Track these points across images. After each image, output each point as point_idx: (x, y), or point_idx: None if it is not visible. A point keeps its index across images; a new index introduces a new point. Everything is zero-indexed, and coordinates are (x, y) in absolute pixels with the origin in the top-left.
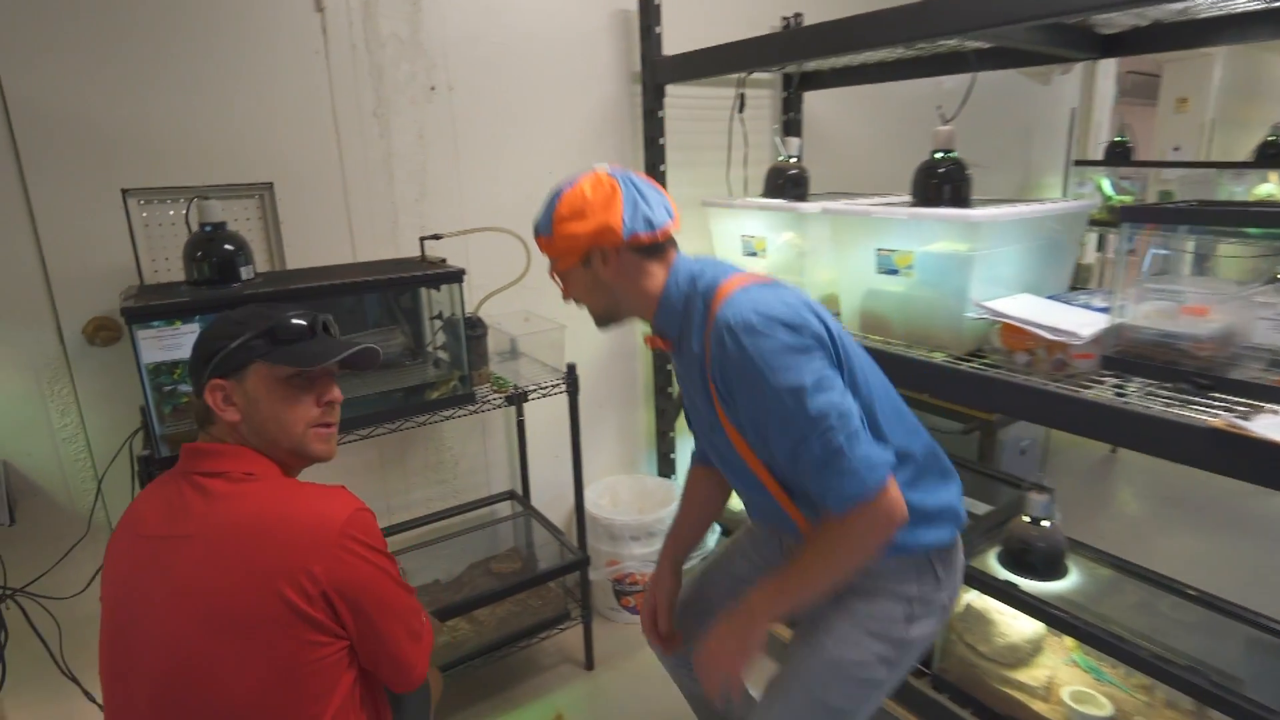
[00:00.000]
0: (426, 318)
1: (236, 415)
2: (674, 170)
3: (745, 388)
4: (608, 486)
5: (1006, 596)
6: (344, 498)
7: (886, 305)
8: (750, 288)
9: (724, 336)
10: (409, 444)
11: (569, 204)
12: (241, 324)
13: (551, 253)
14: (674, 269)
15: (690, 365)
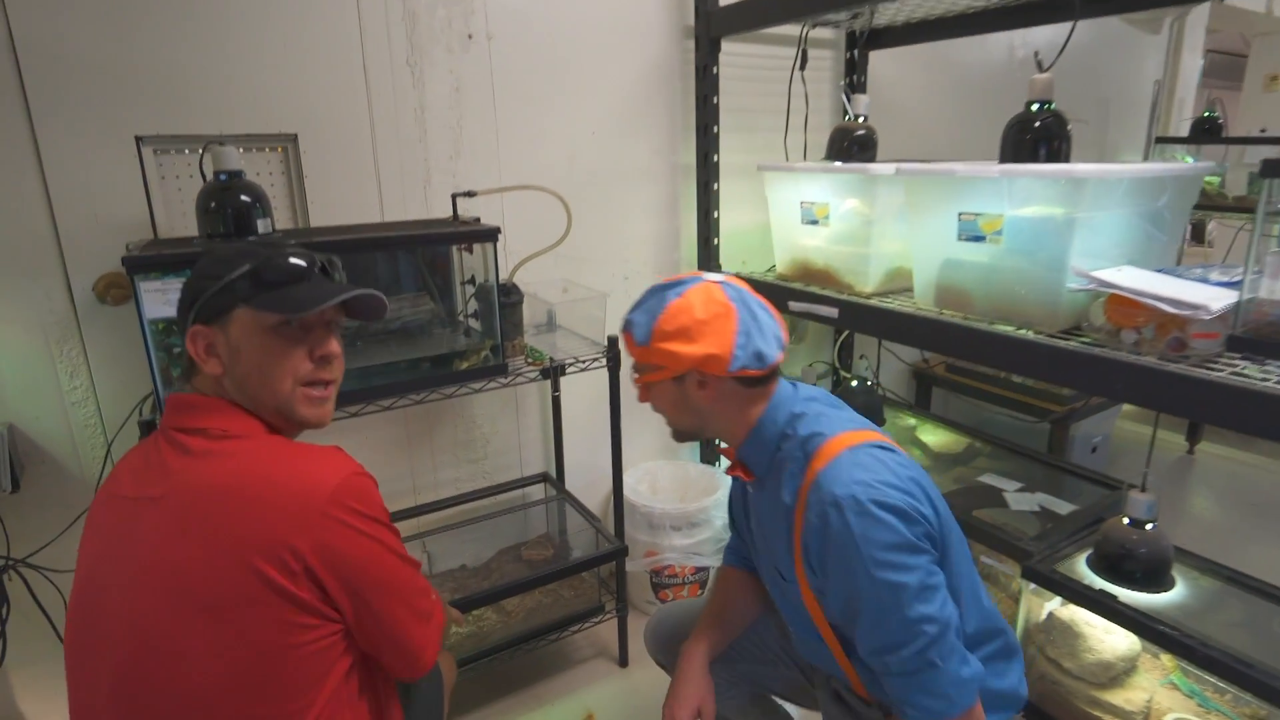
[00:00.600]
0: (458, 283)
1: (218, 367)
2: (727, 135)
3: (841, 570)
4: (647, 473)
5: (1102, 608)
6: (337, 460)
7: (968, 277)
8: (860, 451)
9: (827, 510)
10: (437, 420)
11: (675, 320)
12: (227, 262)
13: (643, 360)
14: (774, 402)
15: (774, 512)
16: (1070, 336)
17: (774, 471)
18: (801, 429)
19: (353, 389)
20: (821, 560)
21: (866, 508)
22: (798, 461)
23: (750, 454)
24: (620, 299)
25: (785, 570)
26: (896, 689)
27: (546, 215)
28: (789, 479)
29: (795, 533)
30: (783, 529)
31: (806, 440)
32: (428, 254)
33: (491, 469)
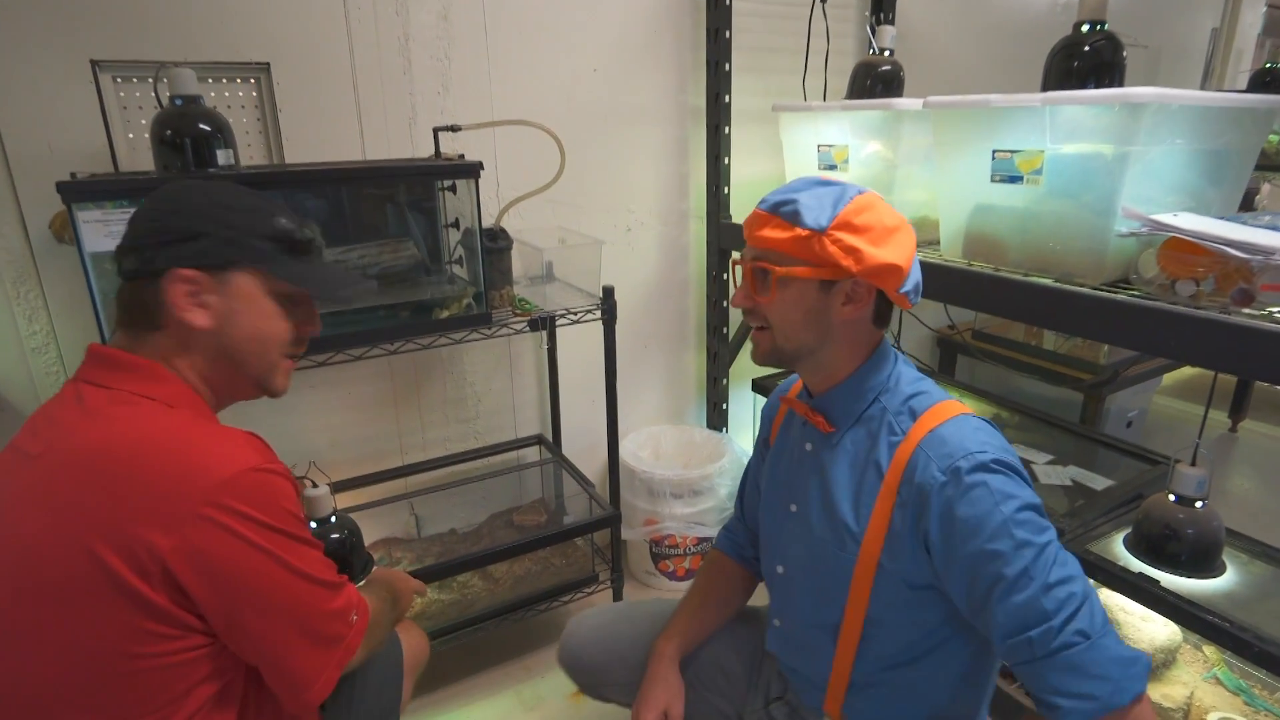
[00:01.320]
0: (442, 225)
1: (207, 320)
2: (741, 76)
3: (974, 534)
4: (650, 437)
5: (1141, 593)
6: (243, 450)
7: (1001, 223)
8: (974, 419)
9: (958, 466)
10: (425, 375)
11: (864, 214)
12: (248, 212)
13: (794, 249)
14: (881, 350)
15: (851, 472)
16: (1117, 290)
17: (861, 425)
18: (905, 385)
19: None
20: (945, 525)
21: (1002, 469)
22: (901, 417)
23: (840, 400)
24: (623, 250)
25: (850, 538)
26: (1046, 678)
27: (542, 157)
28: (885, 434)
29: (889, 492)
30: (862, 491)
31: (912, 397)
32: (411, 195)
33: (484, 429)
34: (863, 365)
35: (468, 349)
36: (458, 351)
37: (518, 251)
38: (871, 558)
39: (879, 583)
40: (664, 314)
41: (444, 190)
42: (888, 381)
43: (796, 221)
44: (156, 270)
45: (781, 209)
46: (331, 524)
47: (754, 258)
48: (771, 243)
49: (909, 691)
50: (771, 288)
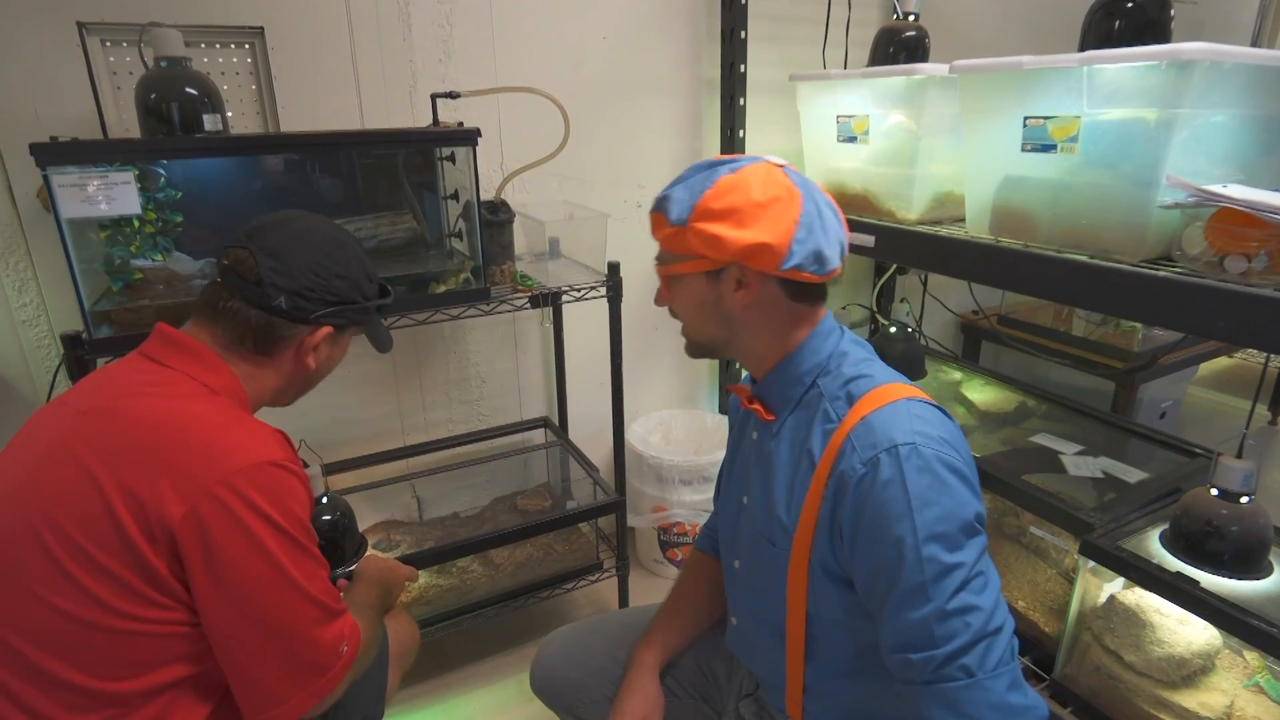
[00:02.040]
0: (441, 197)
1: (313, 364)
2: (757, 45)
3: (879, 533)
4: (660, 422)
5: (1180, 594)
6: (268, 444)
7: (1032, 196)
8: (918, 404)
9: (879, 457)
10: (427, 354)
11: (725, 197)
12: (370, 280)
13: (672, 246)
14: (820, 329)
15: (789, 460)
16: (1158, 266)
17: (800, 411)
18: (846, 368)
19: None
20: (856, 519)
21: (929, 463)
22: (837, 402)
23: (775, 387)
24: (632, 226)
25: (780, 533)
26: (919, 704)
27: (547, 128)
28: (820, 421)
29: (818, 484)
30: (796, 480)
31: (851, 380)
32: (409, 166)
33: (487, 411)
34: (797, 347)
35: (471, 328)
36: (461, 330)
37: (521, 227)
38: (802, 554)
39: (813, 580)
40: None
41: (443, 160)
42: (827, 363)
43: (666, 217)
44: (307, 320)
45: (659, 206)
46: (323, 505)
47: (656, 257)
48: (660, 240)
49: (870, 701)
50: (664, 287)
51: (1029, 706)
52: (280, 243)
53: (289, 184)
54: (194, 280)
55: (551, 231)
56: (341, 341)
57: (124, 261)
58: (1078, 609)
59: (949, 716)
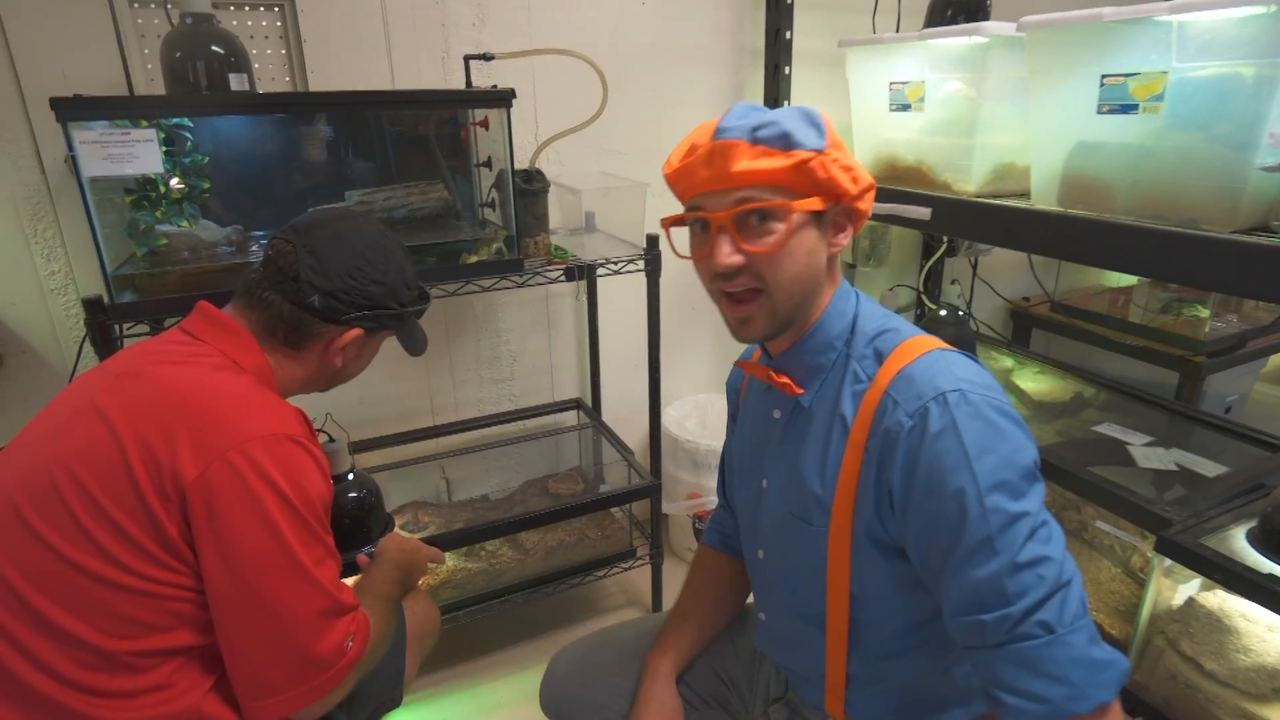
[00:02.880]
0: (474, 165)
1: (339, 362)
2: (804, 13)
3: (936, 487)
4: (696, 406)
5: (1274, 597)
6: (287, 420)
7: (1108, 164)
8: (951, 354)
9: (927, 407)
10: (457, 332)
11: (831, 129)
12: (407, 287)
13: (791, 180)
14: (841, 288)
15: (817, 433)
16: (1253, 236)
17: (826, 378)
18: (867, 325)
19: None
20: (908, 477)
21: (981, 409)
22: (864, 361)
23: (804, 356)
24: (670, 201)
25: (816, 507)
26: (995, 669)
27: (584, 94)
28: (849, 382)
29: (855, 449)
30: (829, 452)
31: (877, 336)
32: (440, 131)
33: (519, 391)
34: (826, 310)
35: (503, 305)
36: (492, 308)
37: (556, 201)
38: (844, 527)
39: (857, 555)
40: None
41: (475, 126)
42: (852, 324)
43: (790, 144)
44: (338, 321)
45: (761, 133)
46: (349, 481)
47: (741, 199)
48: (762, 176)
49: (920, 684)
50: (785, 232)
51: (1111, 660)
52: (323, 242)
53: (317, 152)
54: (219, 248)
55: (588, 204)
56: (372, 343)
57: (149, 227)
58: (1150, 611)
59: (1029, 678)
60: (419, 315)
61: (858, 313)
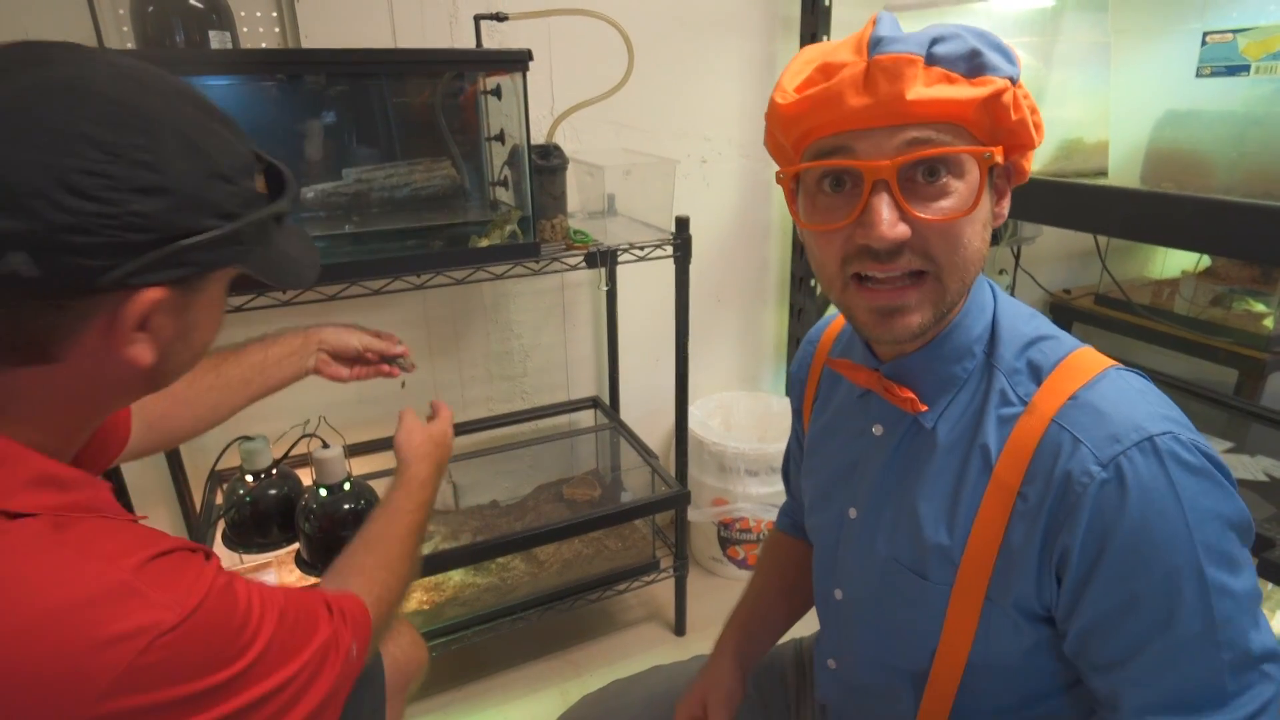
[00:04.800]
0: (484, 138)
1: (151, 355)
2: None
3: (1137, 561)
4: (720, 405)
5: None
6: (142, 594)
7: (1206, 134)
8: (1133, 375)
9: (1129, 456)
10: (466, 324)
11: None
12: (220, 169)
13: (990, 119)
14: (979, 279)
15: (928, 456)
16: None
17: (959, 398)
18: (1016, 326)
19: (337, 263)
20: (1099, 544)
21: (1190, 460)
22: (1016, 376)
23: (933, 363)
24: (696, 185)
25: (938, 561)
26: None
27: (606, 63)
28: (995, 405)
29: (1003, 493)
30: (961, 494)
31: (1031, 345)
32: (447, 100)
33: (531, 389)
34: (965, 304)
35: (515, 295)
36: (503, 298)
37: (574, 182)
38: (976, 586)
39: (988, 619)
40: (740, 262)
41: (486, 95)
42: (991, 325)
43: (980, 68)
44: (95, 289)
45: (940, 49)
46: (345, 492)
47: (913, 144)
48: (946, 109)
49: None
50: (968, 192)
51: None
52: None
53: (310, 123)
54: None
55: (610, 184)
56: (201, 300)
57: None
58: None
59: None
60: (274, 221)
61: (997, 310)
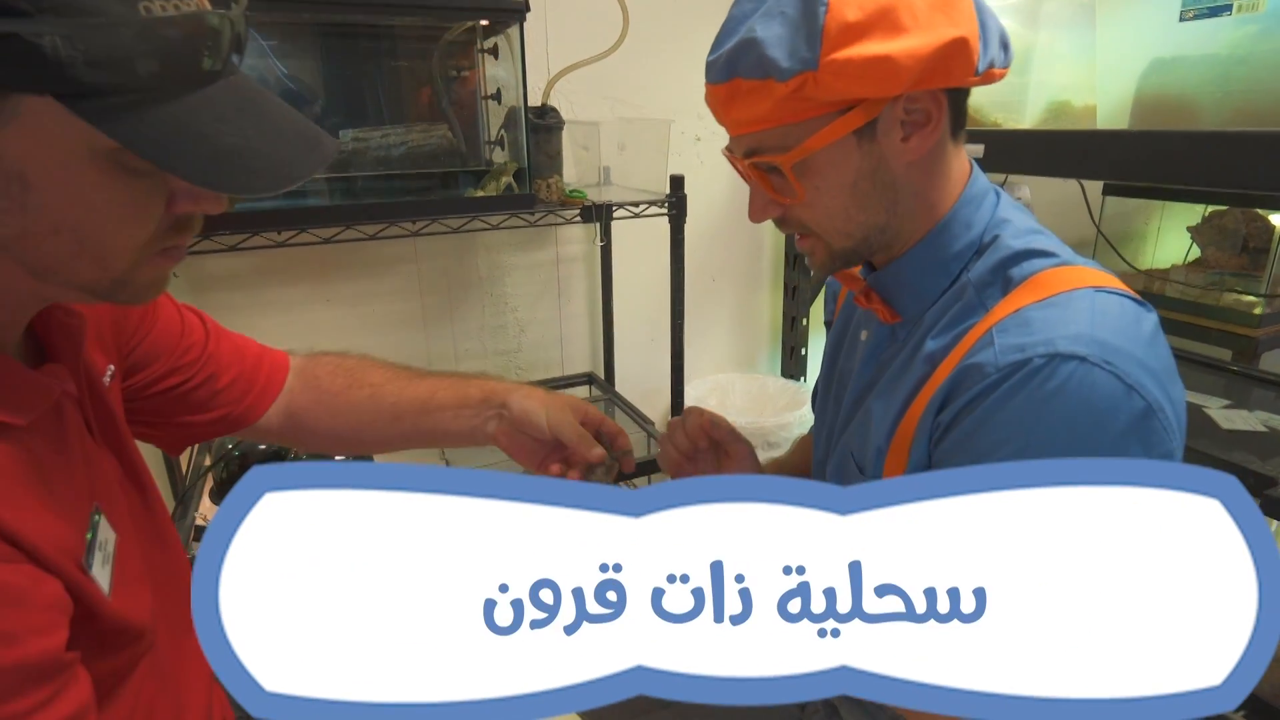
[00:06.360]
0: (481, 97)
1: None
2: None
3: (959, 447)
4: (716, 386)
5: None
6: None
7: (1192, 77)
8: (1116, 299)
9: (1027, 364)
10: (460, 295)
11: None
12: None
13: (792, 113)
14: (972, 188)
15: (890, 361)
16: None
17: (935, 309)
18: (1011, 239)
19: (330, 205)
20: (955, 416)
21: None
22: (988, 290)
23: (907, 275)
24: (690, 164)
25: (873, 457)
26: None
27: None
28: (957, 315)
29: (930, 387)
30: (903, 393)
31: (1013, 258)
32: (445, 68)
33: (526, 364)
34: (946, 217)
35: (511, 269)
36: (499, 270)
37: (570, 155)
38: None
39: None
40: (735, 243)
41: (483, 53)
42: (981, 237)
43: (769, 73)
44: None
45: (739, 66)
46: None
47: (747, 152)
48: (756, 122)
49: None
50: (792, 184)
51: None
52: None
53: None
54: None
55: (605, 159)
56: (14, 136)
57: None
58: None
59: None
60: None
61: (996, 222)
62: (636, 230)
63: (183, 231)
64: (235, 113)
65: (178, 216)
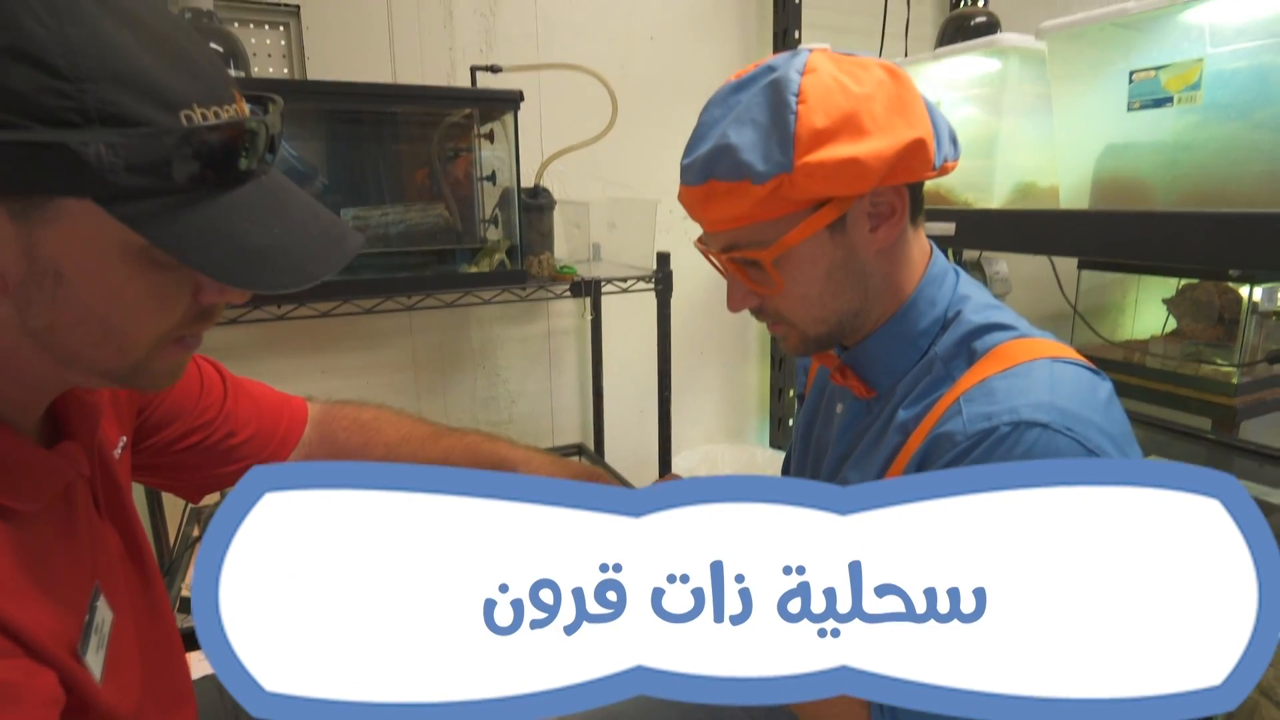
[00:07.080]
0: (477, 179)
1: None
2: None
3: None
4: (705, 457)
5: None
6: None
7: (1143, 161)
8: (1071, 369)
9: (998, 429)
10: (453, 367)
11: (827, 106)
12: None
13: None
14: (933, 270)
15: (864, 433)
16: None
17: (904, 384)
18: (971, 314)
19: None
20: None
21: (1072, 455)
22: (954, 362)
23: (879, 352)
24: (678, 239)
25: None
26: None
27: (593, 114)
28: (926, 387)
29: (903, 459)
30: (877, 464)
31: (975, 332)
32: (444, 151)
33: (517, 435)
34: (911, 297)
35: (503, 342)
36: (491, 343)
37: (561, 231)
38: None
39: None
40: (721, 316)
41: (479, 138)
42: (945, 313)
43: (745, 176)
44: None
45: (715, 169)
46: None
47: (725, 247)
48: (733, 220)
49: None
50: (772, 276)
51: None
52: None
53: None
54: None
55: (594, 235)
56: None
57: None
58: None
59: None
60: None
61: (958, 299)
62: (625, 305)
63: (204, 320)
64: (264, 212)
65: (203, 307)
